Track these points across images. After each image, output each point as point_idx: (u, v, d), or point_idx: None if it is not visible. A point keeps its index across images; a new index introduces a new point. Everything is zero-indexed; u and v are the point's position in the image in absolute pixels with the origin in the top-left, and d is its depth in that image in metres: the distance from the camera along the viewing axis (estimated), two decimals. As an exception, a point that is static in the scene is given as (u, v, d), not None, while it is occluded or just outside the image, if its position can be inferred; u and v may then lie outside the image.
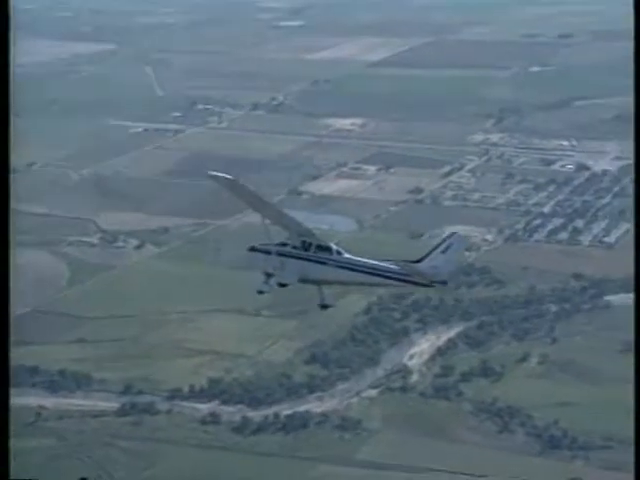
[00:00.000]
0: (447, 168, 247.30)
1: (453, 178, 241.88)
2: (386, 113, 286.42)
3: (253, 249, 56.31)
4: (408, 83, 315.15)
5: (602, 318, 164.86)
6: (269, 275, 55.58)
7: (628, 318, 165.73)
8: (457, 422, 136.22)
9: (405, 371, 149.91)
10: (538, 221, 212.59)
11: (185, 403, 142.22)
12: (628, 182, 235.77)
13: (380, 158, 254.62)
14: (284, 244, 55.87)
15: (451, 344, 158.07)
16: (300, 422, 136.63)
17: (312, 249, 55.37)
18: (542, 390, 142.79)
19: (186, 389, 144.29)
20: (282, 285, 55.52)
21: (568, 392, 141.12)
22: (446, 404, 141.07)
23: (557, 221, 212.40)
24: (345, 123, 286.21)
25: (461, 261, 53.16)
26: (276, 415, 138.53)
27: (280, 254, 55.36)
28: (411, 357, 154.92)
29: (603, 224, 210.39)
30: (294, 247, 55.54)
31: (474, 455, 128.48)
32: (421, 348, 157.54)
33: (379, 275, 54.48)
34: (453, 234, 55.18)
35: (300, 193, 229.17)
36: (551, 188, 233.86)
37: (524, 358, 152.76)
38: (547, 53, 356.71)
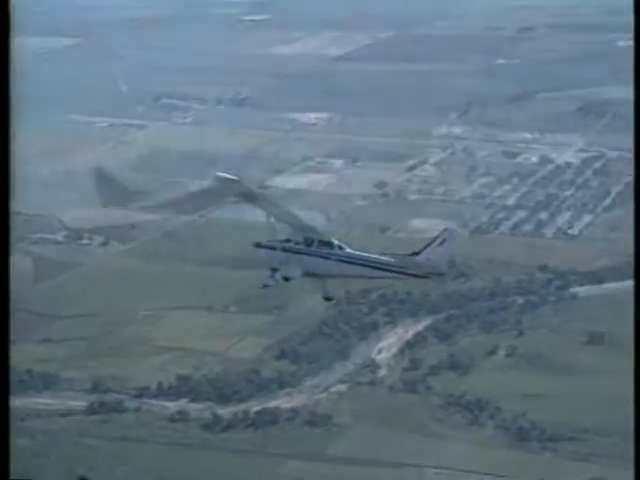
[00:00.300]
0: (412, 161, 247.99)
1: (418, 172, 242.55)
2: (351, 107, 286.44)
3: (259, 245, 58.35)
4: (373, 77, 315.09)
5: (568, 310, 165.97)
6: (274, 270, 57.80)
7: (594, 309, 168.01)
8: (427, 416, 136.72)
9: (374, 365, 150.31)
10: (503, 214, 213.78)
11: (153, 401, 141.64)
12: (591, 174, 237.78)
13: (345, 152, 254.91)
14: (288, 240, 58.06)
15: (419, 337, 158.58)
16: (270, 418, 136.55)
17: (315, 245, 57.67)
18: (510, 382, 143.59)
19: (154, 387, 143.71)
20: (287, 279, 57.90)
21: (535, 384, 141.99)
22: (415, 398, 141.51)
23: (521, 213, 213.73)
24: (310, 117, 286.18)
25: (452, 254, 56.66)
26: (245, 412, 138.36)
27: (285, 250, 57.56)
28: (380, 351, 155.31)
29: (567, 216, 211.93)
30: (297, 243, 57.82)
31: (444, 448, 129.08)
32: (389, 342, 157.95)
33: (379, 268, 56.85)
34: (447, 228, 58.43)
35: (266, 187, 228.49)
36: (515, 181, 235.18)
37: (492, 351, 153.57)
38: (510, 46, 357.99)
